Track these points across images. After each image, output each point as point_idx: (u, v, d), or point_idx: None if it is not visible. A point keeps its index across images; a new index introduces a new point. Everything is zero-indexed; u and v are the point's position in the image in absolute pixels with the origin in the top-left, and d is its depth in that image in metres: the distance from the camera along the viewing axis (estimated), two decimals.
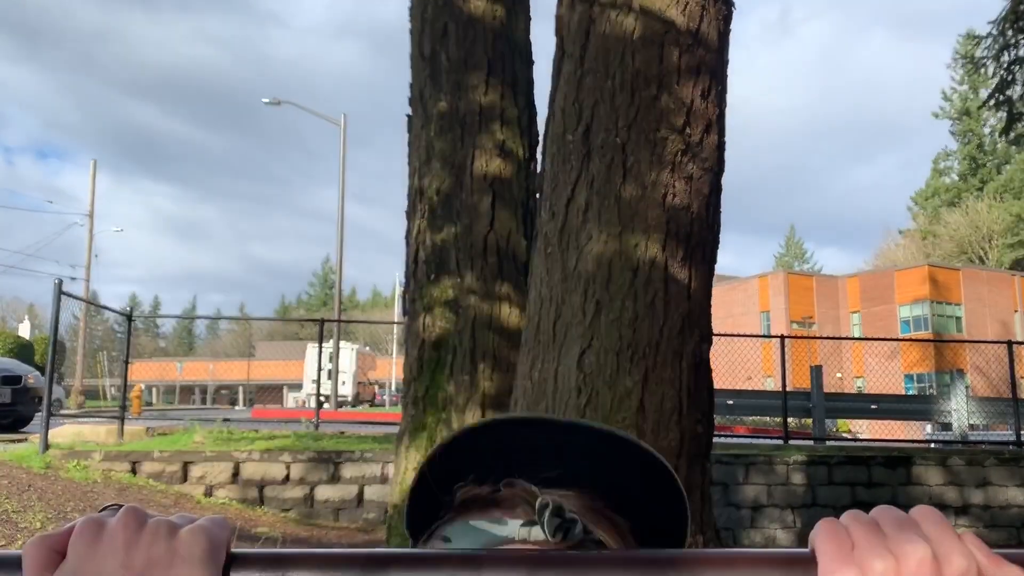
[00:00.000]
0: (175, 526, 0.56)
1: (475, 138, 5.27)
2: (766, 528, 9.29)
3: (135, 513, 0.56)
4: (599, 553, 0.57)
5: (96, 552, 0.54)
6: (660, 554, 0.56)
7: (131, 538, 0.54)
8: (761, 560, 0.55)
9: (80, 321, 31.93)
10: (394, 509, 5.26)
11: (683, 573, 0.54)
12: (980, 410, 13.35)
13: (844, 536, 0.55)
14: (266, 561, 0.57)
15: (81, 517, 0.57)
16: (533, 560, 0.56)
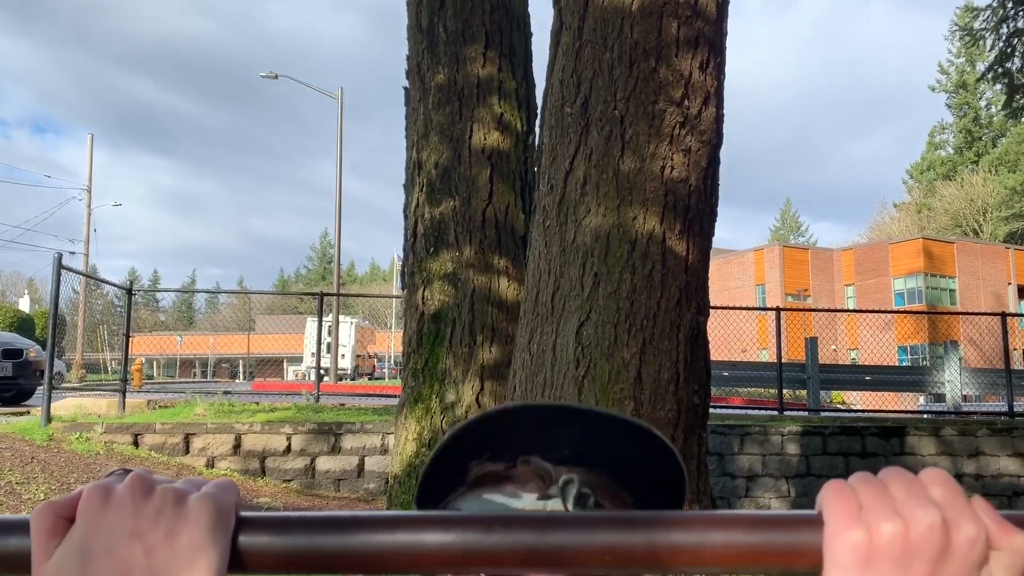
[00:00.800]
0: (183, 493, 0.55)
1: (473, 111, 5.28)
2: (760, 497, 9.41)
3: (143, 479, 0.56)
4: (605, 514, 0.57)
5: (104, 518, 0.53)
6: (667, 515, 0.56)
7: (139, 504, 0.54)
8: (768, 521, 0.55)
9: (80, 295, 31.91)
10: (394, 479, 5.33)
11: (689, 533, 0.54)
12: (973, 381, 13.46)
13: (851, 497, 0.54)
14: (275, 525, 0.56)
15: (90, 483, 0.56)
16: (542, 522, 0.56)
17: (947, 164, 64.74)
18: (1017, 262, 47.22)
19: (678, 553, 0.54)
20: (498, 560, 0.55)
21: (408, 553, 0.55)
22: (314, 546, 0.55)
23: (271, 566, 0.56)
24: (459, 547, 0.55)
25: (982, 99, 61.14)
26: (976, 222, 57.92)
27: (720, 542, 0.54)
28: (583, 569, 0.57)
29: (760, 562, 0.54)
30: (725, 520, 0.55)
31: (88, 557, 0.52)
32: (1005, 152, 59.06)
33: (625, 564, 0.55)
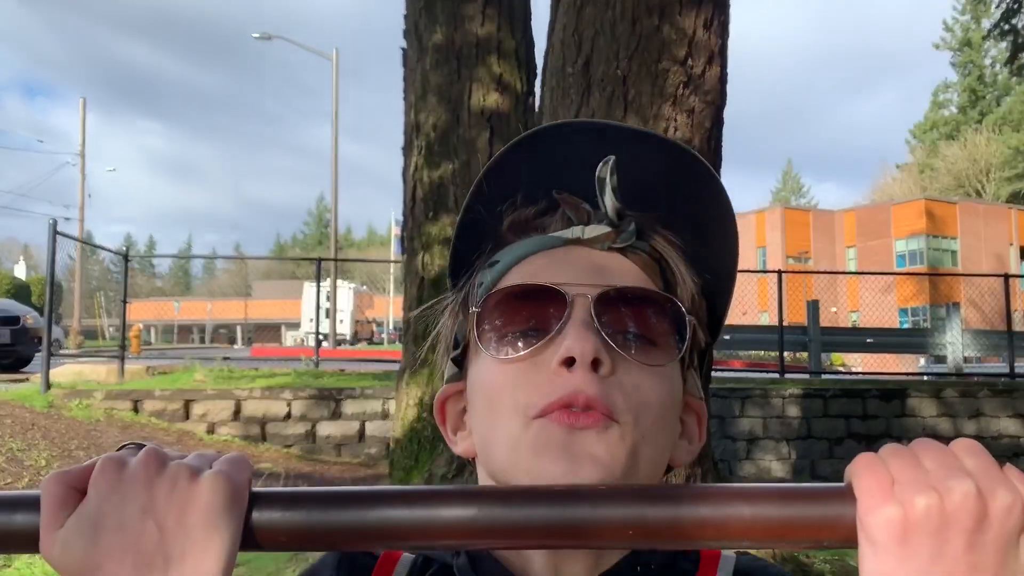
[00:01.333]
0: (196, 470, 0.55)
1: (472, 71, 5.17)
2: (761, 460, 9.44)
3: (156, 455, 0.55)
4: (628, 486, 0.56)
5: (117, 492, 0.53)
6: (692, 489, 0.54)
7: (153, 480, 0.54)
8: (796, 495, 0.54)
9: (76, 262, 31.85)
10: (396, 444, 5.32)
11: (715, 507, 0.53)
12: (975, 343, 13.45)
13: (883, 471, 0.53)
14: (288, 500, 0.55)
15: (104, 455, 0.55)
16: (563, 495, 0.54)
17: (950, 124, 64.28)
18: (1020, 223, 47.11)
19: (704, 527, 0.53)
20: (518, 535, 0.54)
21: (426, 528, 0.54)
22: (329, 522, 0.54)
23: (284, 543, 0.55)
24: (480, 522, 0.53)
25: (987, 57, 60.49)
26: (979, 182, 57.65)
27: (747, 515, 0.53)
28: (605, 544, 0.56)
29: (789, 536, 0.53)
30: (752, 493, 0.53)
31: (99, 531, 0.52)
32: (1009, 111, 58.61)
33: (649, 539, 0.53)
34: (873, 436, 9.63)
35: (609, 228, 0.72)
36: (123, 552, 0.52)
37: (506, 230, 0.76)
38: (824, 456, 9.57)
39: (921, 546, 0.50)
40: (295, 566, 4.98)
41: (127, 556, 0.52)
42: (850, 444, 9.60)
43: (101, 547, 0.52)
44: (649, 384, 0.67)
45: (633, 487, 0.56)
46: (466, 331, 0.75)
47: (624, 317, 0.68)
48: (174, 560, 0.52)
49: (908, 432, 9.73)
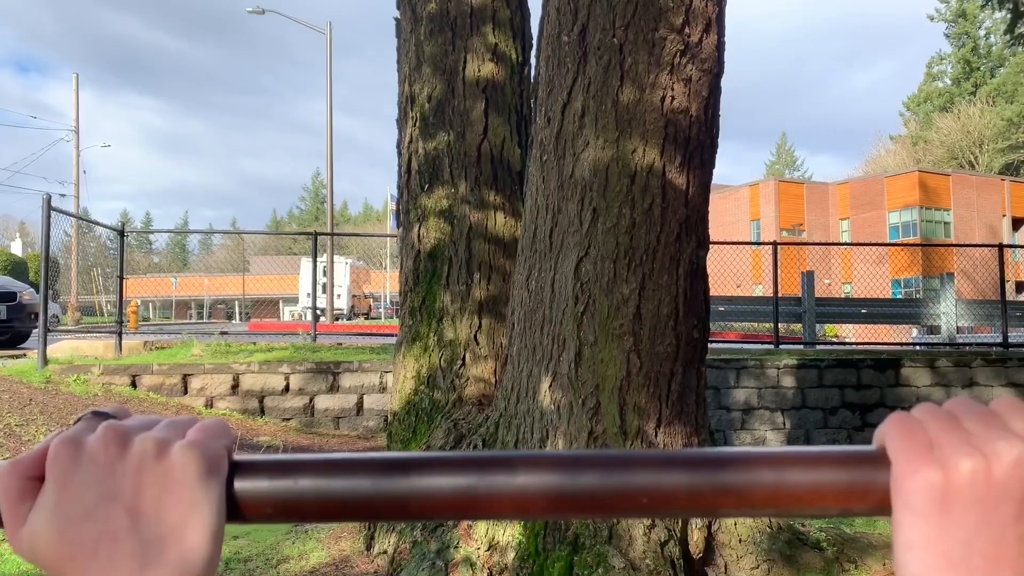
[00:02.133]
0: (164, 442, 0.49)
1: (466, 41, 5.14)
2: (756, 429, 9.52)
3: (116, 432, 0.49)
4: (642, 453, 0.52)
5: (75, 478, 0.47)
6: (711, 453, 0.51)
7: (114, 460, 0.48)
8: (824, 459, 0.50)
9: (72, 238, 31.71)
10: (393, 416, 5.34)
11: (737, 473, 0.49)
12: (968, 313, 13.52)
13: (920, 432, 0.48)
14: (274, 468, 0.51)
15: (56, 435, 0.49)
16: (571, 462, 0.51)
17: (944, 96, 64.08)
18: (1012, 194, 47.13)
19: (724, 494, 0.49)
20: (524, 506, 0.50)
21: (424, 498, 0.50)
22: (320, 491, 0.50)
23: (271, 514, 0.51)
24: (481, 491, 0.50)
25: (981, 28, 60.19)
26: (972, 154, 57.59)
27: (770, 481, 0.49)
28: (617, 514, 0.52)
29: (816, 504, 0.49)
30: (777, 457, 0.50)
31: (64, 523, 0.47)
32: (1003, 83, 58.40)
33: (664, 508, 0.50)
34: (867, 406, 9.72)
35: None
36: (95, 543, 0.47)
37: None
38: (818, 426, 9.65)
39: (965, 514, 0.45)
40: (294, 538, 5.04)
41: (100, 547, 0.47)
42: (844, 414, 9.68)
43: (68, 539, 0.47)
44: None
45: (647, 453, 0.52)
46: None
47: None
48: (151, 545, 0.47)
49: (902, 401, 9.81)
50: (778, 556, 4.01)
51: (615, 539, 3.61)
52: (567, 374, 3.70)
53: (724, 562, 3.92)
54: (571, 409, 3.67)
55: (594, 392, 3.64)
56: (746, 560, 3.93)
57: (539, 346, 3.84)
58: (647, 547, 3.59)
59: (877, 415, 9.73)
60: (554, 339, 3.77)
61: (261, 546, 4.92)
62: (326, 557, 4.70)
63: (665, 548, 3.63)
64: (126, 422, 0.51)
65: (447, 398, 4.95)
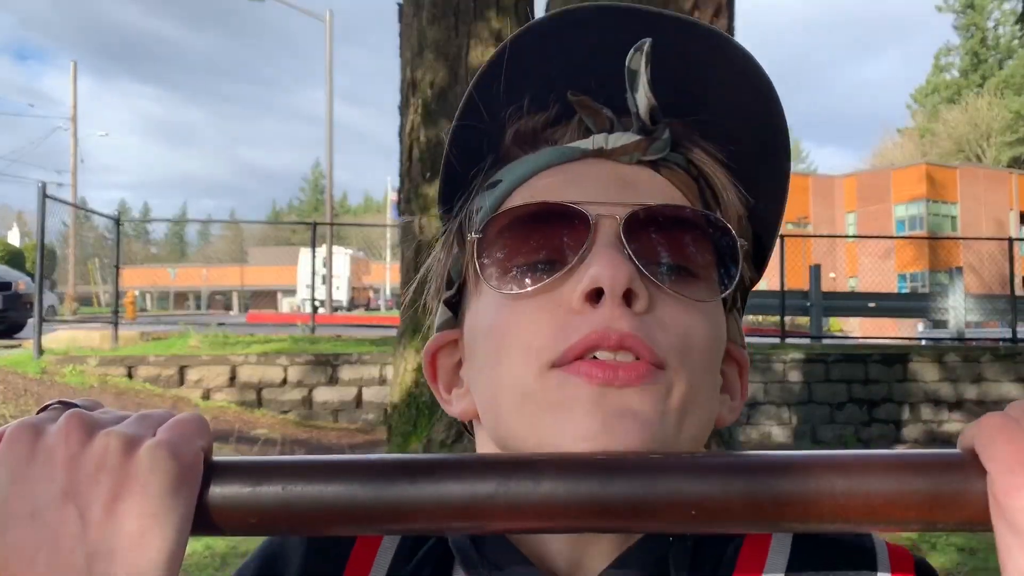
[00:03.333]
0: (133, 440, 0.43)
1: (470, 26, 5.03)
2: (762, 425, 9.42)
3: (80, 421, 0.44)
4: (696, 456, 0.45)
5: (30, 471, 0.42)
6: (771, 457, 0.44)
7: (75, 454, 0.42)
8: (902, 465, 0.43)
9: (69, 228, 31.71)
10: (393, 409, 5.26)
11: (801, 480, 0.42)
12: (977, 307, 13.41)
13: (1020, 434, 0.41)
14: (254, 472, 0.44)
15: (15, 421, 0.44)
16: (607, 467, 0.43)
17: (952, 87, 63.90)
18: (1020, 187, 46.98)
19: (787, 506, 0.42)
20: (549, 515, 0.43)
21: (431, 507, 0.43)
22: (311, 499, 0.43)
23: (254, 524, 0.44)
24: (499, 500, 0.43)
25: (990, 19, 59.96)
26: (980, 147, 57.42)
27: (841, 491, 0.42)
28: (661, 527, 0.44)
29: (894, 517, 0.43)
30: (847, 463, 0.43)
31: (7, 521, 0.41)
32: (1011, 74, 58.21)
33: (716, 520, 0.43)
34: (875, 401, 9.62)
35: (639, 136, 0.58)
36: (35, 548, 0.41)
37: (510, 143, 0.62)
38: (825, 421, 9.55)
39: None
40: None
41: (39, 553, 0.41)
42: (852, 409, 9.58)
43: (6, 541, 0.41)
44: (694, 323, 0.54)
45: (695, 455, 0.45)
46: (462, 266, 0.61)
47: (659, 243, 0.55)
48: (99, 557, 0.41)
49: (910, 397, 9.70)
50: None
51: None
52: None
53: None
54: None
55: None
56: None
57: None
58: None
59: (884, 410, 9.62)
60: None
61: (257, 540, 4.81)
62: None
63: None
64: (93, 413, 0.46)
65: None
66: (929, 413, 9.77)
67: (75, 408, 0.46)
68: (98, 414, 0.46)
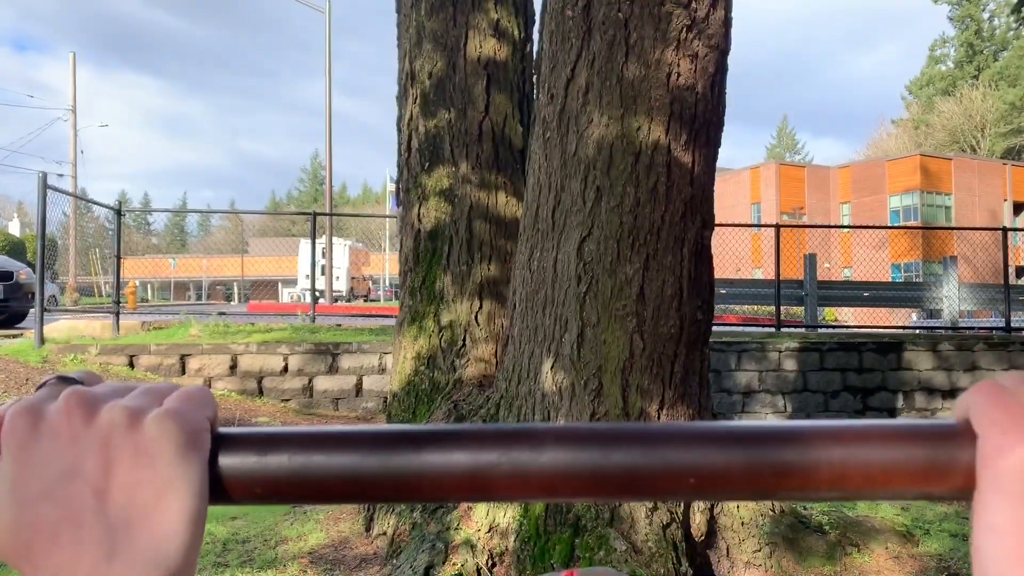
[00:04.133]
0: (137, 412, 0.43)
1: (468, 17, 5.05)
2: (757, 412, 9.50)
3: (81, 398, 0.43)
4: (696, 425, 0.46)
5: (35, 452, 0.42)
6: (768, 427, 0.45)
7: (78, 431, 0.42)
8: (899, 434, 0.44)
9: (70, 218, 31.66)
10: (393, 397, 5.31)
11: (801, 449, 0.44)
12: (970, 296, 13.48)
13: (1013, 403, 0.42)
14: (263, 442, 0.45)
15: (14, 402, 0.44)
16: (607, 436, 0.44)
17: (947, 79, 63.79)
18: (1014, 178, 46.98)
19: (785, 474, 0.43)
20: (551, 483, 0.44)
21: (438, 476, 0.44)
22: (316, 468, 0.44)
23: (261, 494, 0.44)
24: (504, 468, 0.44)
25: (985, 11, 59.83)
26: (974, 138, 57.38)
27: (838, 460, 0.43)
28: (660, 496, 0.46)
29: (891, 485, 0.44)
30: (844, 433, 0.44)
31: (22, 503, 0.41)
32: (1006, 66, 58.12)
33: (716, 489, 0.44)
34: (869, 389, 9.69)
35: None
36: (55, 525, 0.41)
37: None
38: (819, 409, 9.63)
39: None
40: (293, 519, 5.01)
41: (60, 532, 0.41)
42: (846, 397, 9.66)
43: (26, 522, 0.41)
44: None
45: (694, 426, 0.46)
46: None
47: None
48: (119, 528, 0.41)
49: (904, 385, 9.79)
50: (780, 539, 3.98)
51: (617, 521, 3.57)
52: (569, 355, 3.65)
53: (726, 545, 3.89)
54: (573, 390, 3.63)
55: (596, 373, 3.59)
56: (748, 543, 3.90)
57: (541, 327, 3.79)
58: (649, 530, 3.55)
59: (879, 398, 9.70)
60: (556, 320, 3.72)
61: (259, 527, 4.89)
62: (325, 538, 4.68)
63: (667, 531, 3.59)
64: (94, 388, 0.45)
65: (447, 379, 4.91)
66: (923, 401, 9.86)
67: (74, 384, 0.46)
68: (98, 388, 0.45)
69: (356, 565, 4.21)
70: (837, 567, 4.03)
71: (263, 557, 4.37)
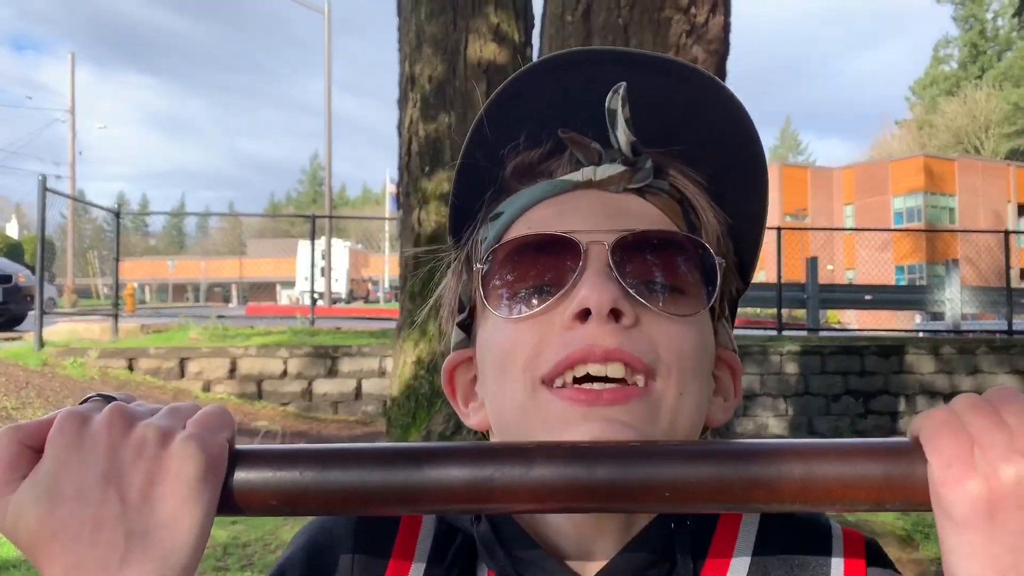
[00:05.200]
0: (167, 432, 0.48)
1: (468, 21, 5.05)
2: (759, 416, 9.47)
3: (122, 413, 0.49)
4: (671, 443, 0.50)
5: (77, 455, 0.47)
6: (737, 445, 0.49)
7: (116, 444, 0.47)
8: (855, 452, 0.48)
9: (68, 220, 31.68)
10: (393, 402, 5.29)
11: (765, 465, 0.47)
12: (973, 299, 13.44)
13: (961, 431, 0.46)
14: (274, 459, 0.49)
15: (63, 409, 0.49)
16: (590, 453, 0.48)
17: (950, 79, 63.78)
18: (1018, 180, 46.93)
19: (752, 488, 0.47)
20: (537, 497, 0.48)
21: (434, 490, 0.48)
22: (325, 483, 0.48)
23: (274, 506, 0.49)
24: (496, 482, 0.48)
25: (989, 11, 59.82)
26: (978, 139, 57.35)
27: (800, 475, 0.47)
28: (637, 508, 0.50)
29: (848, 498, 0.48)
30: (807, 450, 0.48)
31: (55, 499, 0.46)
32: (1010, 66, 58.10)
33: (688, 501, 0.48)
34: (871, 392, 9.66)
35: (623, 167, 0.65)
36: (80, 524, 0.46)
37: (509, 176, 0.69)
38: (821, 412, 9.60)
39: (1010, 522, 0.44)
40: (292, 524, 4.99)
41: (84, 529, 0.46)
42: (847, 400, 9.63)
43: (56, 517, 0.46)
44: (681, 334, 0.60)
45: (669, 443, 0.50)
46: (471, 292, 0.68)
47: (647, 264, 0.61)
48: (136, 536, 0.46)
49: (906, 388, 9.75)
50: None
51: None
52: None
53: None
54: None
55: None
56: None
57: None
58: None
59: (880, 402, 9.67)
60: None
61: (259, 532, 4.89)
62: None
63: None
64: (131, 406, 0.51)
65: None
66: (924, 404, 9.82)
67: (116, 401, 0.51)
68: (135, 406, 0.51)
69: None
70: None
71: (263, 561, 4.39)
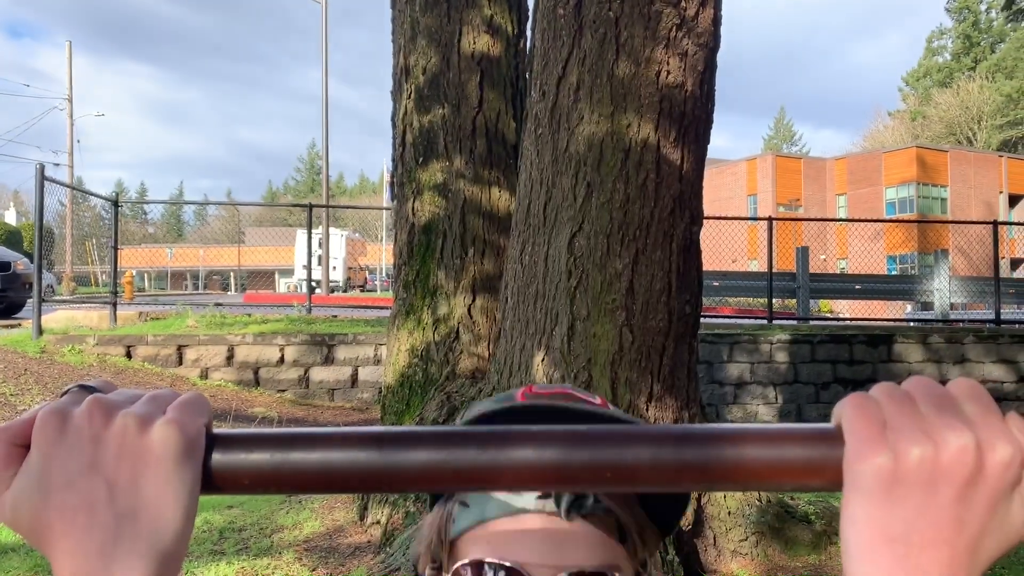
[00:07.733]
0: (146, 419, 0.51)
1: (462, 13, 5.10)
2: (748, 404, 9.58)
3: (101, 405, 0.51)
4: (605, 428, 0.53)
5: (60, 448, 0.50)
6: (673, 430, 0.52)
7: (98, 433, 0.50)
8: (781, 436, 0.51)
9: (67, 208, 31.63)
10: (387, 389, 5.37)
11: (697, 449, 0.51)
12: (962, 289, 13.56)
13: (875, 413, 0.49)
14: (248, 442, 0.53)
15: (43, 405, 0.52)
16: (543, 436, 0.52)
17: (944, 71, 63.78)
18: (1010, 171, 47.06)
19: (685, 469, 0.51)
20: (492, 478, 0.52)
21: (394, 471, 0.51)
22: (294, 463, 0.52)
23: (247, 485, 0.53)
24: (450, 465, 0.51)
25: (982, 3, 59.80)
26: (970, 130, 57.43)
27: (730, 457, 0.51)
28: (583, 487, 0.55)
29: (773, 479, 0.51)
30: (736, 435, 0.51)
31: (48, 490, 0.50)
32: (1003, 58, 58.10)
33: (627, 481, 0.52)
34: (859, 381, 9.77)
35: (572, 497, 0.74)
36: (73, 511, 0.49)
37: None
38: (810, 400, 9.72)
39: (909, 497, 0.47)
40: (288, 508, 5.08)
41: (78, 515, 0.49)
42: (836, 388, 9.75)
43: (50, 506, 0.49)
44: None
45: (608, 429, 0.53)
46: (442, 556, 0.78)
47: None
48: (126, 517, 0.50)
49: (894, 377, 9.85)
50: (767, 529, 4.06)
51: None
52: (560, 348, 3.71)
53: (713, 534, 3.97)
54: (563, 383, 3.69)
55: (586, 366, 3.66)
56: (735, 532, 3.98)
57: (532, 320, 3.86)
58: None
59: (876, 384, 9.76)
60: (547, 313, 3.79)
61: (255, 516, 4.96)
62: (320, 527, 4.75)
63: None
64: (110, 396, 0.53)
65: (441, 371, 4.97)
66: None
67: (95, 392, 0.53)
68: (114, 396, 0.53)
69: (350, 553, 4.29)
70: (822, 556, 4.11)
71: (258, 545, 4.43)
